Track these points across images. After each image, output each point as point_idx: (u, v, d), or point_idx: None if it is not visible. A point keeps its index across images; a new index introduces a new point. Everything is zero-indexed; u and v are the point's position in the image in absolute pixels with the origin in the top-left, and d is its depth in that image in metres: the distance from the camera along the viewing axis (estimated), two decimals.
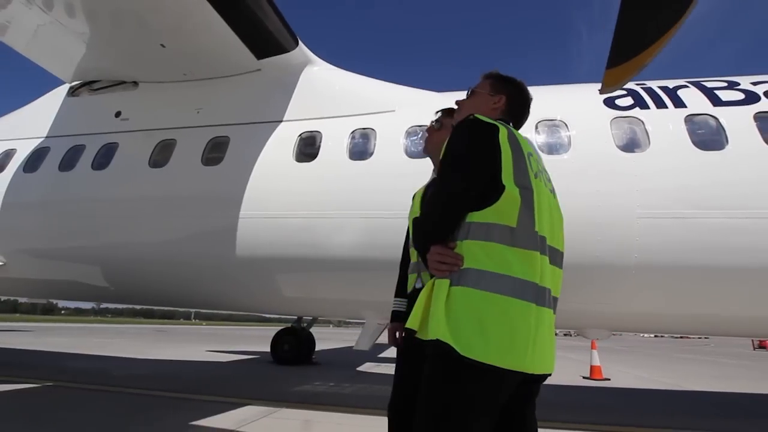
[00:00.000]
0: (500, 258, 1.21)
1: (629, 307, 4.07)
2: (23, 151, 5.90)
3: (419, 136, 4.64)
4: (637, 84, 4.83)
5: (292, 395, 5.39)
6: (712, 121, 4.23)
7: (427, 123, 4.86)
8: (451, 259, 1.26)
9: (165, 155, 5.22)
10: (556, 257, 1.36)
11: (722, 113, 4.26)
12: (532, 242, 1.25)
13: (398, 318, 2.10)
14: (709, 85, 4.65)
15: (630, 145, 4.25)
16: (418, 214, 1.97)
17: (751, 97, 4.34)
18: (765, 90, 4.36)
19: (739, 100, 4.37)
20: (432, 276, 1.35)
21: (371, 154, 4.64)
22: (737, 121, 4.17)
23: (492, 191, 1.27)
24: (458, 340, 1.15)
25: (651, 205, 3.91)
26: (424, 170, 4.41)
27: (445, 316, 1.19)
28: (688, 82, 4.76)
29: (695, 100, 4.45)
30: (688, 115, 4.31)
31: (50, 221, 5.38)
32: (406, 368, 1.87)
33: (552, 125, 4.47)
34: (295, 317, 11.41)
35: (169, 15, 4.53)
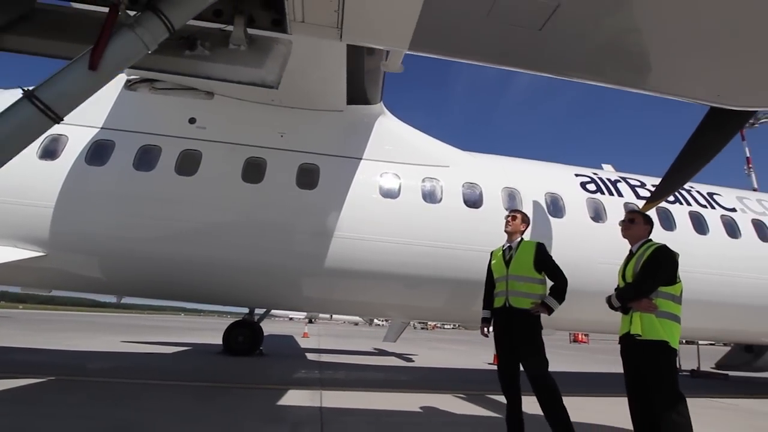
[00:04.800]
0: (674, 308, 3.15)
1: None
2: (77, 139, 5.70)
3: (472, 190, 6.38)
4: (594, 173, 7.42)
5: (310, 381, 6.50)
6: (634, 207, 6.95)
7: (475, 180, 6.60)
8: (653, 306, 3.13)
9: (257, 172, 5.85)
10: None
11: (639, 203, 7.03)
12: (681, 300, 3.22)
13: (486, 322, 3.88)
14: (631, 182, 7.47)
15: (596, 217, 6.71)
16: (502, 268, 3.77)
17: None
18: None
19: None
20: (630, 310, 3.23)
21: (440, 199, 6.19)
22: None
23: (674, 280, 3.18)
24: (670, 339, 3.04)
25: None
26: (478, 217, 6.17)
27: (661, 330, 3.05)
28: (620, 177, 7.53)
29: (626, 191, 7.19)
30: (625, 203, 6.96)
31: (124, 218, 5.49)
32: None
33: (555, 197, 6.68)
34: (247, 310, 11.85)
35: (307, 61, 5.27)
